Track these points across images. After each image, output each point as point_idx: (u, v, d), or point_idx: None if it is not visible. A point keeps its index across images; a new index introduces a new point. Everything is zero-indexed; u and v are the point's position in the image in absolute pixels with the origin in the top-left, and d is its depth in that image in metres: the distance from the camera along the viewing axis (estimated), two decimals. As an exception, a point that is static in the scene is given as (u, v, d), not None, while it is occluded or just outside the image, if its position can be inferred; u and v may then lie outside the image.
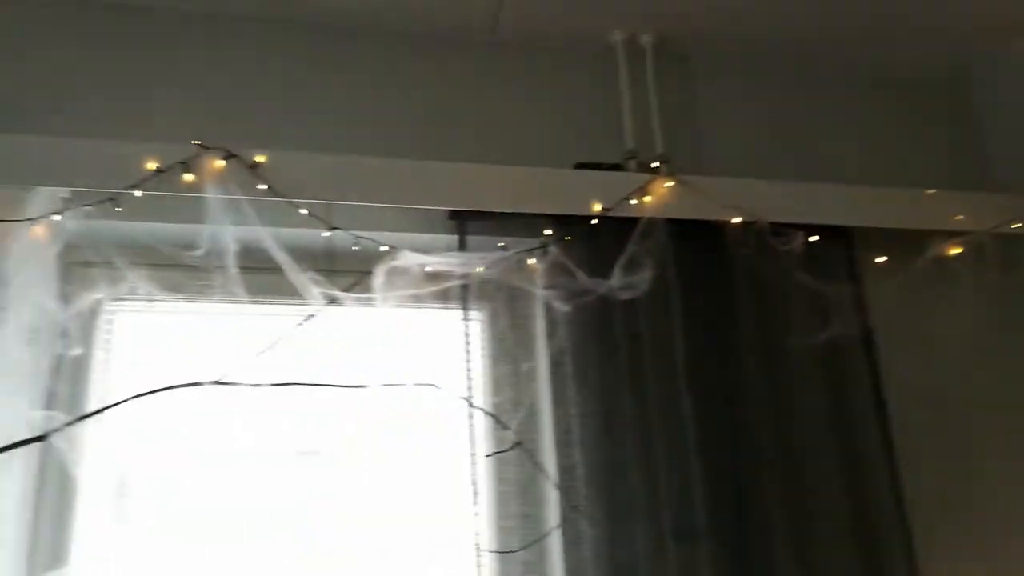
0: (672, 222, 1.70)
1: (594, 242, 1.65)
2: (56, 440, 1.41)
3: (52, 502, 1.57)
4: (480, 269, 1.61)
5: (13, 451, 1.39)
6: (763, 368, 1.69)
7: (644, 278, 1.58)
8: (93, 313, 1.66)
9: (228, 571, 1.63)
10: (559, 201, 1.68)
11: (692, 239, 1.73)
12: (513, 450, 1.52)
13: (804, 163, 2.05)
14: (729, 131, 2.06)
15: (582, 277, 1.58)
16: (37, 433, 1.41)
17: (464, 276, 1.60)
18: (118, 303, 1.72)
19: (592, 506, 1.54)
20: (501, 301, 1.72)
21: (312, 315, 1.53)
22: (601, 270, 1.62)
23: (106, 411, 1.44)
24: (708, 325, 1.70)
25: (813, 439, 1.69)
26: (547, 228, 1.67)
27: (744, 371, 1.69)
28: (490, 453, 1.54)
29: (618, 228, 1.66)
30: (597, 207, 1.67)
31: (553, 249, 1.62)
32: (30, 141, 1.53)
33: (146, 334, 1.78)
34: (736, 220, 1.73)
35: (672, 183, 1.72)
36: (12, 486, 1.42)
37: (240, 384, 1.47)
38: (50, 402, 1.52)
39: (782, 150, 2.07)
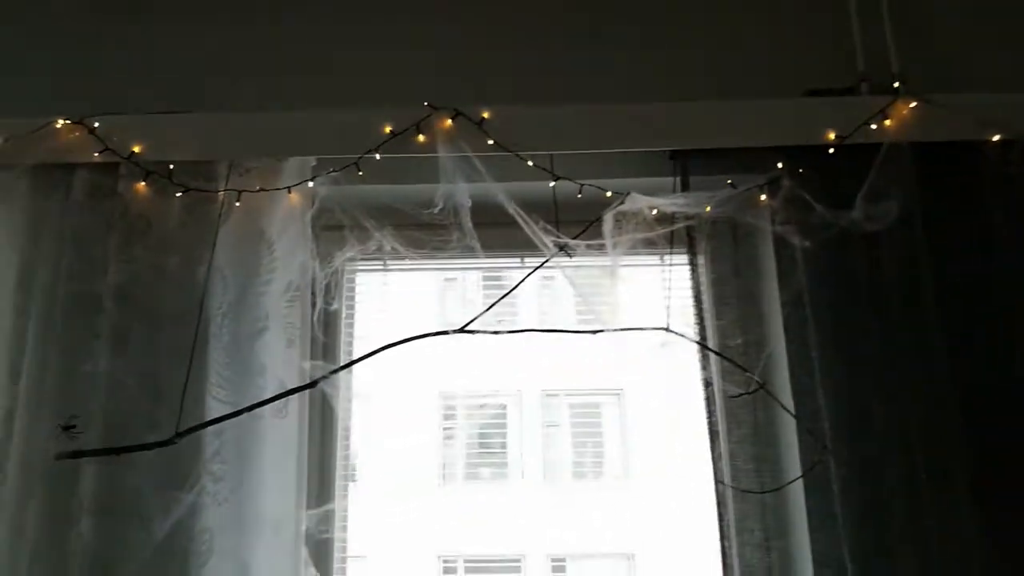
0: (917, 146, 1.57)
1: (830, 173, 1.56)
2: (325, 387, 1.56)
3: (317, 445, 1.74)
4: (708, 208, 1.57)
5: (288, 397, 1.56)
6: (1030, 302, 1.53)
7: (890, 207, 1.47)
8: (340, 271, 1.79)
9: (476, 513, 1.72)
10: (789, 132, 1.59)
11: (940, 163, 1.58)
12: (756, 392, 1.48)
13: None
14: (972, 43, 1.85)
15: (821, 210, 1.49)
16: (308, 381, 1.57)
17: (692, 216, 1.57)
18: (360, 261, 1.86)
19: (838, 449, 1.48)
20: (728, 241, 1.68)
21: (544, 263, 1.56)
22: (840, 203, 1.52)
23: (364, 360, 1.56)
24: (962, 255, 1.56)
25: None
26: (776, 162, 1.60)
27: (1005, 306, 1.54)
28: (735, 395, 1.51)
29: (856, 156, 1.56)
30: (832, 135, 1.57)
31: (786, 183, 1.54)
32: (281, 116, 1.67)
33: (384, 289, 1.92)
34: (995, 138, 1.56)
35: (915, 103, 1.58)
36: (289, 429, 1.58)
37: (482, 332, 1.54)
38: (313, 353, 1.66)
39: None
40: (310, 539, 1.59)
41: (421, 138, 1.61)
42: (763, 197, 1.58)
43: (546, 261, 1.56)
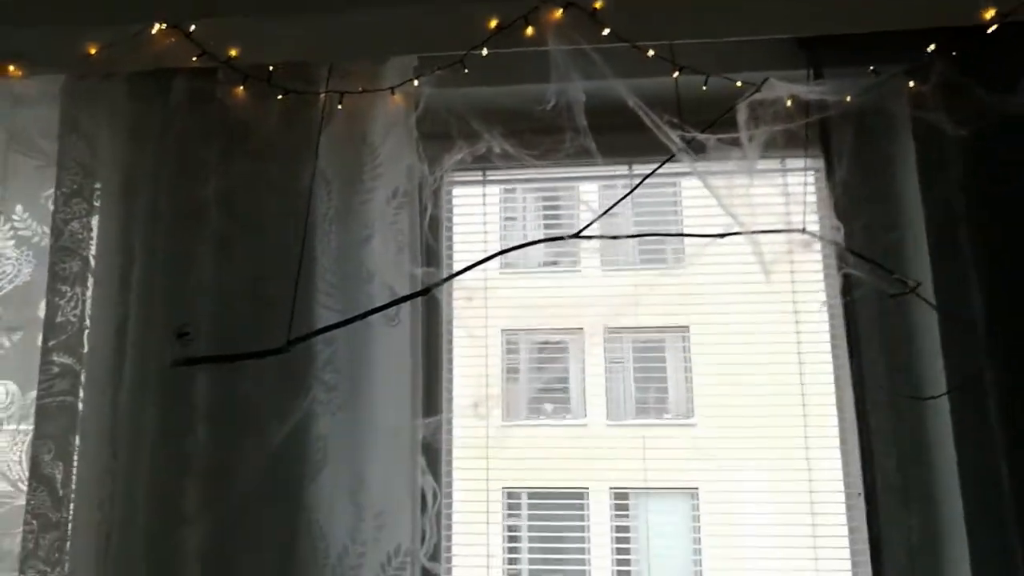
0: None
1: (989, 56, 1.40)
2: (437, 294, 1.50)
3: (425, 354, 1.68)
4: (848, 98, 1.44)
5: (400, 305, 1.50)
6: None
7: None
8: (444, 176, 1.71)
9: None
10: (939, 12, 1.43)
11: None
12: (910, 294, 1.36)
13: None
14: None
15: (981, 95, 1.34)
16: (419, 288, 1.51)
17: (831, 106, 1.43)
18: (457, 173, 1.78)
19: (995, 359, 1.36)
20: (865, 136, 1.53)
21: (668, 160, 1.46)
22: (1000, 88, 1.37)
23: (477, 267, 1.49)
24: None
25: None
26: (921, 48, 1.44)
27: None
28: (894, 294, 1.38)
29: (1018, 35, 1.40)
30: (989, 14, 1.41)
31: (939, 66, 1.40)
32: (380, 14, 1.58)
33: (483, 200, 1.84)
34: None
35: (1089, -27, 1.40)
36: (401, 337, 1.53)
37: (598, 237, 1.45)
38: (421, 259, 1.60)
39: None
40: (425, 448, 1.55)
41: (530, 31, 1.50)
42: (911, 84, 1.43)
43: (670, 158, 1.45)
